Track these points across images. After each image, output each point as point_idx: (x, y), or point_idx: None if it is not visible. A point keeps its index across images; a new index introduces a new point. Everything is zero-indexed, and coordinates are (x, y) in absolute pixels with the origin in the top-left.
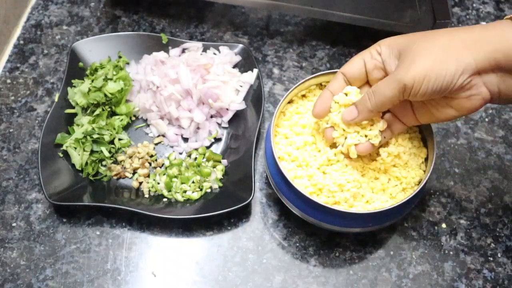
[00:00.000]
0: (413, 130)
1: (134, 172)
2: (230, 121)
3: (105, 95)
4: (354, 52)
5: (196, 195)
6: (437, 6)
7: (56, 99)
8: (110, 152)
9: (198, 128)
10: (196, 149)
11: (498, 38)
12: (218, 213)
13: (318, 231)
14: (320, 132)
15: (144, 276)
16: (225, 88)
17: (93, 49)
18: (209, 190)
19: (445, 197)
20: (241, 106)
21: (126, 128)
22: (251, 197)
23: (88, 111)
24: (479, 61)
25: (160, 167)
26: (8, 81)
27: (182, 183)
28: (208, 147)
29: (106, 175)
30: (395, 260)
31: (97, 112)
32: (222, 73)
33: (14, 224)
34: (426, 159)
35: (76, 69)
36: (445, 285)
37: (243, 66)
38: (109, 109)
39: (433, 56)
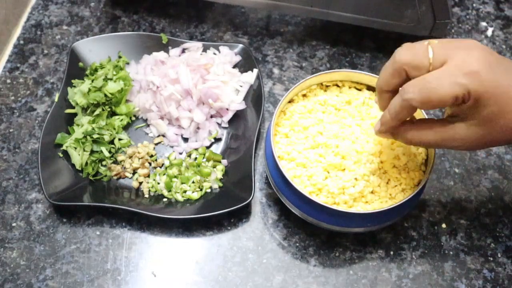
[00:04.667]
0: None
1: (134, 172)
2: (230, 121)
3: (105, 95)
4: (354, 52)
5: (196, 195)
6: (437, 6)
7: (56, 99)
8: (110, 152)
9: (198, 128)
10: (196, 149)
11: None
12: (218, 213)
13: (318, 231)
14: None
15: (144, 276)
16: (225, 88)
17: (93, 49)
18: (209, 190)
19: (445, 197)
20: (241, 106)
21: (126, 128)
22: (251, 197)
23: (88, 111)
24: None
25: (160, 167)
26: (8, 81)
27: (182, 183)
28: (208, 147)
29: (106, 175)
30: (395, 260)
31: (97, 112)
32: (222, 73)
33: (14, 224)
34: (426, 160)
35: (76, 69)
36: (445, 285)
37: (243, 66)
38: (109, 109)
39: None
